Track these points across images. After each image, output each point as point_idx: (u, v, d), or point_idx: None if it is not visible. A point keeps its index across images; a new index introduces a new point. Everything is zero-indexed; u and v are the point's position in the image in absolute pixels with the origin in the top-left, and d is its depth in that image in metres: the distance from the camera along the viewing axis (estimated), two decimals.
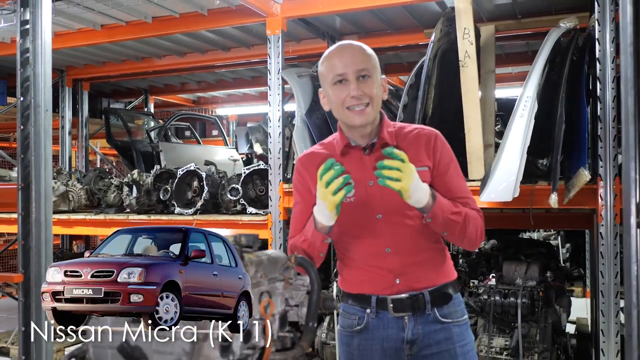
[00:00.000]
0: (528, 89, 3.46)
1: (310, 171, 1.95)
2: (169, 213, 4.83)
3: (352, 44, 1.95)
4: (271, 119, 4.35)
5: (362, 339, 1.97)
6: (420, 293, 1.92)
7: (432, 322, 1.94)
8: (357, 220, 1.93)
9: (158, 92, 8.05)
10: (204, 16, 4.61)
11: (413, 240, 1.91)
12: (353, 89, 1.82)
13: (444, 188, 1.91)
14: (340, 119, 1.90)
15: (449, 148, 1.97)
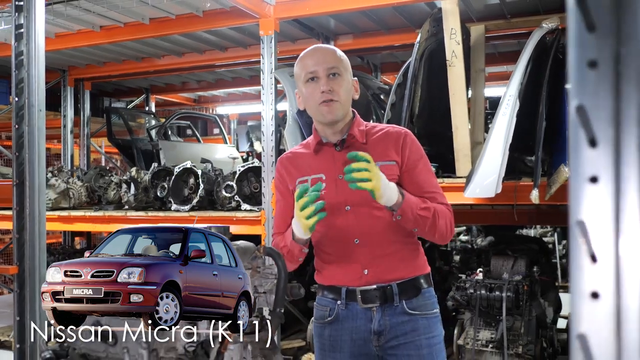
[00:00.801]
0: (511, 88, 3.55)
1: (289, 171, 2.09)
2: (166, 210, 4.94)
3: (324, 46, 2.11)
4: (264, 118, 4.45)
5: (333, 329, 2.02)
6: (389, 285, 1.97)
7: (400, 314, 1.98)
8: (332, 211, 1.96)
9: (159, 91, 8.17)
10: (199, 17, 4.71)
11: (382, 232, 1.97)
12: (323, 84, 1.92)
13: (413, 183, 1.98)
14: (313, 115, 2.01)
15: (419, 145, 2.05)
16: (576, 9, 0.63)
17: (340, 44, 5.58)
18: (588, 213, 0.62)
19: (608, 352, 0.61)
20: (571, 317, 0.64)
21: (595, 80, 0.62)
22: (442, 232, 1.97)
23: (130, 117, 7.45)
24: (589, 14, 0.63)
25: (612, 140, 0.61)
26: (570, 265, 0.65)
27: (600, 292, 0.62)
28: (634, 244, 0.60)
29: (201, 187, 4.78)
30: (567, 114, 1.97)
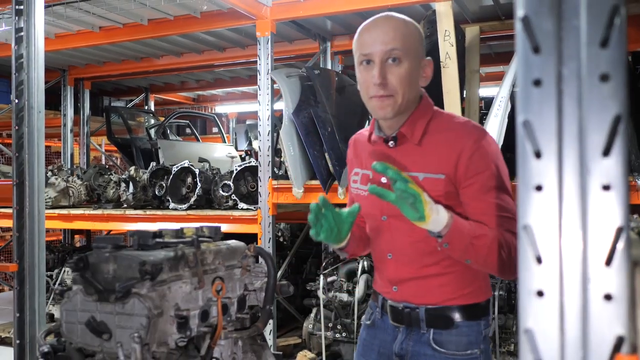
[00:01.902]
0: (503, 90, 3.62)
1: (350, 157, 1.92)
2: (164, 208, 5.00)
3: (386, 19, 1.67)
4: (261, 118, 4.51)
5: (368, 334, 1.90)
6: (417, 308, 1.72)
7: (425, 345, 1.72)
8: (367, 216, 1.83)
9: (158, 91, 8.22)
10: (197, 19, 4.77)
11: (415, 253, 1.71)
12: (376, 75, 1.60)
13: (469, 205, 1.62)
14: (366, 106, 1.70)
15: (488, 154, 1.62)
16: (523, 33, 0.70)
17: (336, 45, 5.64)
18: (534, 218, 0.68)
19: (552, 344, 0.67)
20: (519, 314, 0.70)
21: (540, 98, 0.68)
22: (502, 267, 1.56)
23: (129, 116, 7.52)
24: (534, 38, 0.69)
25: (555, 152, 0.68)
26: (518, 265, 0.71)
27: (544, 291, 0.68)
28: (575, 247, 0.67)
29: (198, 186, 4.84)
30: None
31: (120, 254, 1.31)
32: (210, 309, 1.46)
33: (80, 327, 1.31)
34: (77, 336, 1.32)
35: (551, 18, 0.68)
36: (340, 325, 4.36)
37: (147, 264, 1.27)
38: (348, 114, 4.75)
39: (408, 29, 1.65)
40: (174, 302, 1.34)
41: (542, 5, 0.68)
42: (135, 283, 1.27)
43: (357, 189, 1.84)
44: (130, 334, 1.24)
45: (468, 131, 1.64)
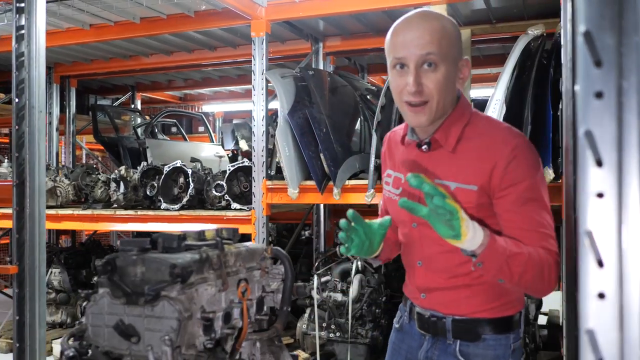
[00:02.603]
0: (497, 93, 3.67)
1: (385, 155, 1.86)
2: (155, 209, 4.98)
3: (424, 17, 1.57)
4: (255, 118, 4.51)
5: (397, 337, 1.87)
6: (444, 317, 1.68)
7: (450, 356, 1.68)
8: (398, 220, 1.78)
9: (145, 89, 8.17)
10: (191, 18, 4.75)
11: (445, 261, 1.65)
12: (411, 81, 1.51)
13: (504, 217, 1.54)
14: (400, 110, 1.62)
15: (526, 164, 1.52)
16: (584, 47, 0.73)
17: (328, 45, 5.66)
18: (595, 224, 0.71)
19: (612, 344, 0.71)
20: (579, 315, 0.73)
21: (601, 109, 0.71)
22: (536, 286, 1.51)
23: (116, 115, 7.47)
24: (596, 52, 0.72)
25: (616, 161, 0.71)
26: (579, 269, 0.74)
27: (606, 293, 0.71)
28: (635, 251, 0.70)
29: (191, 186, 4.83)
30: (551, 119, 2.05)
31: (149, 256, 1.32)
32: (232, 310, 1.47)
33: (107, 330, 1.32)
34: (104, 339, 1.32)
35: (612, 33, 0.71)
36: (334, 325, 4.39)
37: (178, 267, 1.28)
38: (341, 115, 4.78)
39: (445, 30, 1.55)
40: (200, 304, 1.35)
41: (604, 21, 0.71)
42: (166, 286, 1.28)
43: (389, 192, 1.79)
44: (160, 337, 1.24)
45: (505, 138, 1.56)
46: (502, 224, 1.54)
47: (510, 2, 4.48)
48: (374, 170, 3.96)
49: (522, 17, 4.75)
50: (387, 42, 1.62)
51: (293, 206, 5.27)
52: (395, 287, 4.81)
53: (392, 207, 1.78)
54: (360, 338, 4.33)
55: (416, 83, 1.52)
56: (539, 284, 1.50)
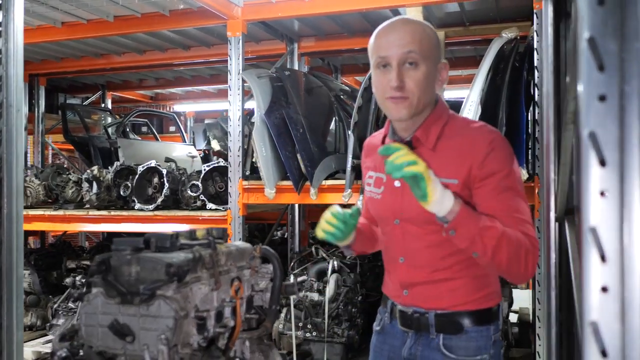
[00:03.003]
0: (472, 94, 3.73)
1: (365, 159, 1.94)
2: (129, 209, 4.93)
3: (406, 22, 1.68)
4: (231, 118, 4.50)
5: (378, 340, 1.91)
6: (426, 313, 1.73)
7: (434, 350, 1.73)
8: (380, 219, 1.84)
9: (116, 88, 8.06)
10: (166, 17, 4.71)
11: (428, 256, 1.71)
12: (393, 79, 1.61)
13: (483, 205, 1.61)
14: (381, 108, 1.72)
15: (502, 156, 1.63)
16: (589, 52, 0.76)
17: (303, 46, 5.68)
18: (598, 220, 0.75)
19: (615, 336, 0.74)
20: (583, 308, 0.76)
21: (604, 112, 0.75)
22: (511, 265, 1.54)
23: (86, 114, 7.35)
24: (599, 57, 0.75)
25: (618, 161, 0.74)
26: (582, 264, 0.77)
27: (609, 287, 0.75)
28: (637, 246, 0.74)
29: (166, 187, 4.79)
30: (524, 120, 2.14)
31: (143, 256, 1.32)
32: (223, 309, 1.48)
33: (101, 330, 1.31)
34: (98, 339, 1.32)
35: (615, 40, 0.75)
36: (310, 324, 4.40)
37: (174, 266, 1.29)
38: (316, 115, 4.80)
39: (425, 33, 1.65)
40: (194, 303, 1.36)
41: (607, 28, 0.74)
42: (162, 285, 1.28)
43: (371, 192, 1.85)
44: (157, 336, 1.25)
45: (482, 134, 1.65)
46: (481, 211, 1.60)
47: (484, 5, 4.56)
48: (351, 171, 3.99)
49: (495, 19, 4.84)
50: (371, 44, 1.71)
51: (267, 206, 5.28)
52: (371, 286, 4.85)
53: (375, 206, 1.84)
54: (337, 337, 4.36)
55: (398, 79, 1.61)
56: (515, 265, 1.54)
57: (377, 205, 1.80)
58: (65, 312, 5.04)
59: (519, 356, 4.70)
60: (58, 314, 5.07)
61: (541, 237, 3.61)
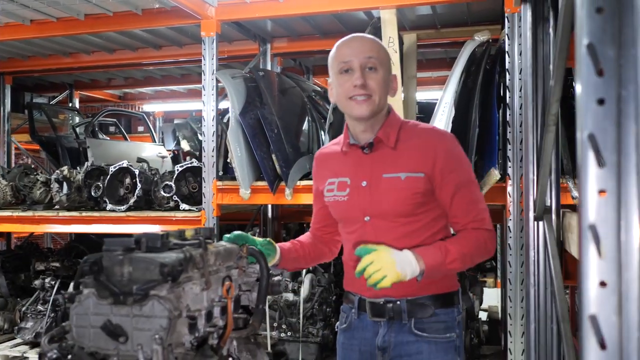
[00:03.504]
0: (446, 96, 3.79)
1: (320, 171, 2.05)
2: (100, 210, 4.86)
3: (362, 35, 1.89)
4: (205, 119, 4.48)
5: (346, 337, 1.98)
6: (398, 300, 1.86)
7: (407, 333, 1.86)
8: (348, 219, 1.94)
9: (83, 87, 7.92)
10: (138, 16, 4.66)
11: (399, 247, 1.80)
12: (357, 78, 1.78)
13: (446, 203, 1.83)
14: (344, 110, 1.87)
15: (457, 154, 1.85)
16: (588, 58, 0.80)
17: (276, 47, 5.68)
18: (597, 218, 0.79)
19: (613, 328, 0.78)
20: (582, 302, 0.79)
21: (603, 115, 0.79)
22: (477, 261, 1.86)
23: (53, 114, 7.22)
24: (598, 63, 0.79)
25: (616, 162, 0.78)
26: (581, 260, 0.81)
27: (607, 281, 0.78)
28: (633, 242, 0.77)
29: (138, 187, 4.74)
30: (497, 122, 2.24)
31: (136, 256, 1.32)
32: (213, 309, 1.49)
33: (93, 331, 1.30)
34: (90, 340, 1.31)
35: (613, 46, 0.78)
36: (285, 324, 4.41)
37: (168, 266, 1.29)
38: (290, 116, 4.81)
39: (380, 46, 1.88)
40: (186, 303, 1.36)
41: (605, 35, 0.78)
42: (155, 285, 1.28)
43: (334, 197, 1.95)
44: (150, 336, 1.25)
45: (438, 135, 1.88)
46: (447, 206, 1.82)
47: (456, 8, 4.64)
48: None
49: (466, 22, 4.92)
50: (333, 55, 1.88)
51: (241, 207, 5.26)
52: None
53: (341, 208, 1.95)
54: (312, 337, 4.37)
55: (361, 77, 1.79)
56: (480, 258, 1.83)
57: (344, 207, 1.91)
58: (34, 314, 4.95)
59: (490, 353, 4.79)
60: (26, 317, 4.97)
61: (512, 236, 3.70)
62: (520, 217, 3.69)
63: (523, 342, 3.71)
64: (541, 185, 1.84)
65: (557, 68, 1.35)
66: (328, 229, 2.11)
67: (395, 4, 4.16)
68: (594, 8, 0.78)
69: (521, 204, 3.67)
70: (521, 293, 3.74)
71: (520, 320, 3.74)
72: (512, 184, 3.69)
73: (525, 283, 2.10)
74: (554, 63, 1.36)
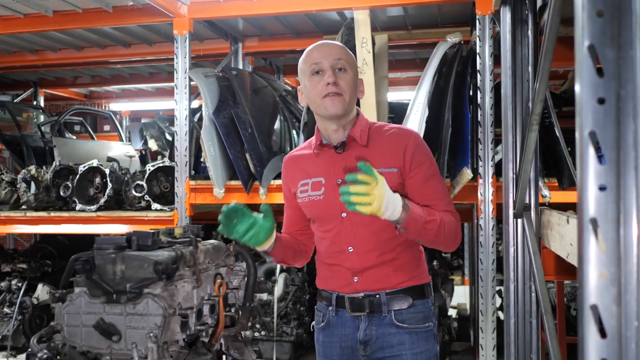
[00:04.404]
0: (419, 96, 3.84)
1: (292, 173, 2.06)
2: (69, 210, 4.77)
3: (331, 41, 1.99)
4: (178, 118, 4.44)
5: (325, 335, 2.00)
6: (377, 294, 1.91)
7: (388, 325, 1.91)
8: (324, 217, 1.97)
9: (49, 85, 7.75)
10: (109, 13, 4.59)
11: (377, 241, 1.90)
12: (329, 76, 1.84)
13: (415, 191, 1.90)
14: (316, 110, 1.92)
15: (425, 150, 1.94)
16: (589, 59, 0.83)
17: (247, 46, 5.67)
18: (598, 212, 0.82)
19: (612, 317, 0.81)
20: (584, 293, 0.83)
21: (604, 113, 0.82)
22: (447, 242, 1.90)
23: (17, 112, 7.04)
24: (599, 64, 0.83)
25: (615, 159, 0.82)
26: (581, 252, 0.84)
27: (607, 272, 0.82)
28: (632, 235, 0.81)
29: (109, 187, 4.67)
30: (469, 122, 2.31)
31: (129, 254, 1.31)
32: (202, 307, 1.49)
33: (85, 330, 1.30)
34: (81, 339, 1.30)
35: (612, 48, 0.82)
36: (259, 324, 4.41)
37: (162, 264, 1.28)
38: (263, 115, 4.80)
39: (347, 51, 1.95)
40: (178, 301, 1.36)
41: (605, 37, 0.82)
42: (150, 283, 1.28)
43: (309, 197, 1.99)
44: (146, 334, 1.24)
45: (406, 133, 1.96)
46: (417, 197, 1.88)
47: (427, 10, 4.70)
48: None
49: (436, 24, 4.99)
50: (303, 59, 1.94)
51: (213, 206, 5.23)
52: None
53: (317, 207, 1.98)
54: (286, 336, 4.38)
55: (333, 77, 1.85)
56: (450, 240, 1.88)
57: (320, 205, 1.95)
58: (0, 317, 4.83)
59: (461, 350, 4.88)
60: None
61: (484, 234, 3.77)
62: (492, 216, 3.77)
63: (494, 338, 3.80)
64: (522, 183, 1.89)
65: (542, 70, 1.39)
66: (302, 232, 2.12)
67: (367, 5, 4.19)
68: (595, 11, 0.82)
69: (492, 202, 3.76)
70: (492, 290, 3.82)
71: (492, 317, 3.82)
72: (482, 182, 3.77)
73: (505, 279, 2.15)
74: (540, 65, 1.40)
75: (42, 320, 5.13)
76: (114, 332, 1.26)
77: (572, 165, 3.30)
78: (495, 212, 3.76)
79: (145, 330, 1.25)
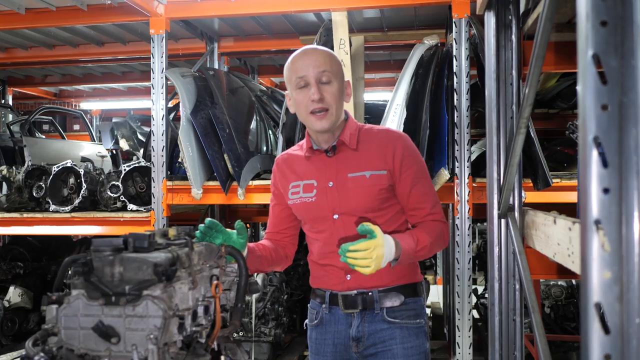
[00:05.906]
0: (397, 97, 3.89)
1: (283, 173, 2.09)
2: (43, 211, 4.70)
3: (314, 48, 1.98)
4: (155, 118, 4.41)
5: (318, 333, 2.05)
6: (370, 291, 1.95)
7: (380, 322, 1.95)
8: (316, 219, 2.00)
9: (17, 84, 7.60)
10: (83, 11, 4.52)
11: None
12: (314, 93, 1.86)
13: (403, 195, 1.95)
14: (305, 123, 1.96)
15: (413, 151, 1.98)
16: (593, 67, 0.87)
17: (223, 46, 5.65)
18: (602, 214, 0.86)
19: (616, 314, 0.85)
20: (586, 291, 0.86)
21: (607, 119, 0.86)
22: (436, 251, 2.01)
23: None
24: (602, 72, 0.86)
25: (618, 163, 0.86)
26: (585, 252, 0.88)
27: (610, 271, 0.86)
28: (634, 236, 0.85)
29: (84, 187, 4.61)
30: (446, 123, 2.39)
31: (127, 256, 1.31)
32: (197, 308, 1.49)
33: (83, 333, 1.29)
34: (79, 342, 1.29)
35: (616, 57, 0.86)
36: None
37: (161, 266, 1.29)
38: (240, 115, 4.80)
39: (332, 56, 1.95)
40: (175, 302, 1.36)
41: (609, 47, 0.86)
42: (149, 285, 1.28)
43: (301, 198, 2.02)
44: (145, 336, 1.24)
45: (394, 135, 2.00)
46: (403, 200, 1.95)
47: (403, 12, 4.75)
48: None
49: (412, 25, 5.05)
50: (288, 69, 1.96)
51: (189, 207, 5.20)
52: (295, 285, 4.92)
53: (309, 209, 2.01)
54: (264, 336, 4.38)
55: (318, 92, 1.87)
56: (438, 249, 1.98)
57: (311, 207, 1.99)
58: None
59: (436, 348, 4.94)
60: None
61: (460, 234, 3.84)
62: (468, 216, 3.84)
63: (470, 336, 3.87)
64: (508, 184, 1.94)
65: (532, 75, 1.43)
66: (286, 232, 2.14)
67: (344, 6, 4.23)
68: (599, 21, 0.85)
69: (469, 202, 3.83)
70: (469, 289, 3.89)
71: (468, 315, 3.89)
72: (459, 183, 3.84)
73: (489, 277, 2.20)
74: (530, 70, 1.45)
75: (13, 323, 5.04)
76: (112, 334, 1.26)
77: (546, 167, 3.40)
78: (471, 212, 3.84)
79: (144, 332, 1.25)
